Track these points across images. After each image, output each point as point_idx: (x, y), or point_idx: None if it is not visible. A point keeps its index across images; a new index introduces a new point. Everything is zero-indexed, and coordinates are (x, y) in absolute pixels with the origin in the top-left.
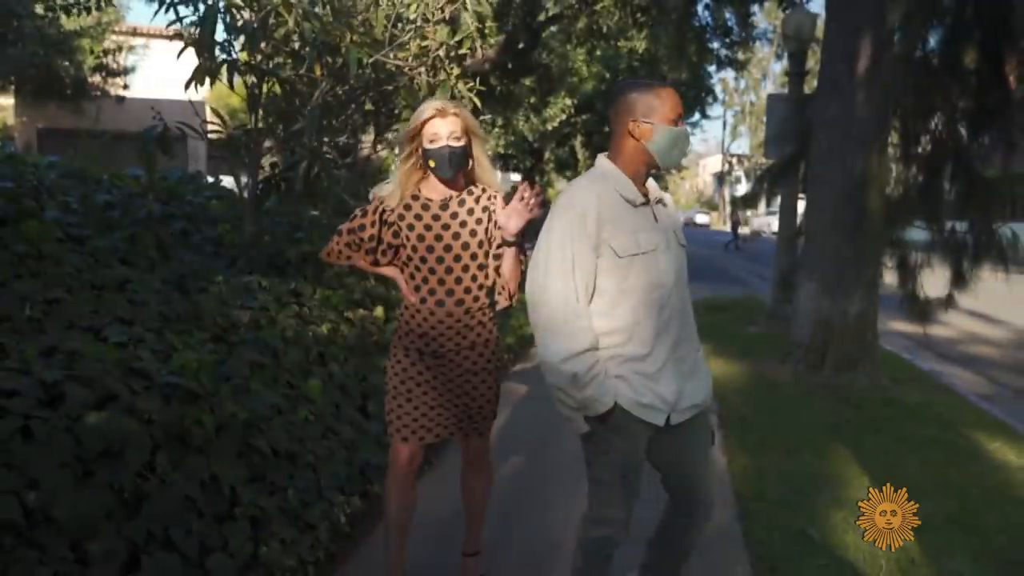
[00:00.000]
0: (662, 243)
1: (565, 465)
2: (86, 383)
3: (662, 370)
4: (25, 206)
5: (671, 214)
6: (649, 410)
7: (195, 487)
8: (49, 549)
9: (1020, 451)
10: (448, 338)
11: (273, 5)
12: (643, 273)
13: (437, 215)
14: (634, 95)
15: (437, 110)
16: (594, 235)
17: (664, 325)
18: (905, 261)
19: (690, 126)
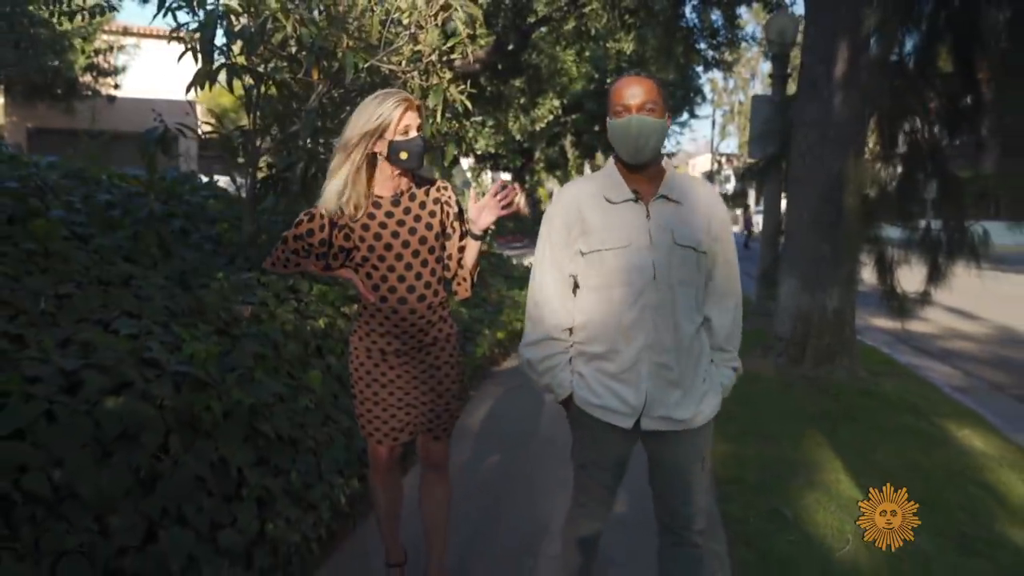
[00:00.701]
0: (642, 240)
1: (549, 456)
2: (103, 371)
3: (629, 372)
4: (31, 205)
5: (684, 212)
6: (605, 411)
7: (205, 468)
8: (75, 522)
9: (987, 438)
10: (411, 335)
11: (271, 11)
12: (609, 270)
13: (390, 212)
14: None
15: (407, 100)
16: (564, 233)
17: (632, 325)
18: (883, 258)
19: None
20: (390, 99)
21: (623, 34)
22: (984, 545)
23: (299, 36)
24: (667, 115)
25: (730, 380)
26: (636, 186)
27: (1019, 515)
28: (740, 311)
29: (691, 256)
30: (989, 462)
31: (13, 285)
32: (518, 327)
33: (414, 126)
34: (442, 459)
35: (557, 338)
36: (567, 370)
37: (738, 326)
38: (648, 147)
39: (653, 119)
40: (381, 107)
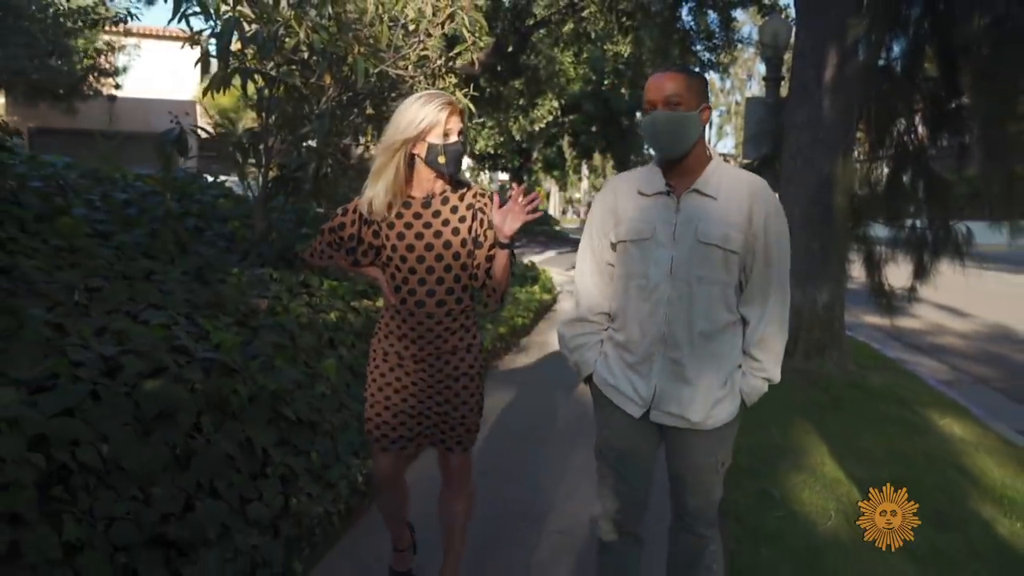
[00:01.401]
0: (665, 234)
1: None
2: (140, 356)
3: (644, 363)
4: (56, 204)
5: (717, 208)
6: (617, 393)
7: (234, 447)
8: (121, 492)
9: (967, 427)
10: (428, 341)
11: (285, 19)
12: (630, 261)
13: (419, 213)
14: None
15: (451, 104)
16: (601, 224)
17: (646, 318)
18: (871, 256)
19: None
20: (435, 101)
21: (620, 37)
22: (957, 521)
23: (311, 42)
24: (703, 107)
25: (755, 389)
26: (673, 179)
27: (991, 495)
28: (779, 316)
29: (715, 253)
30: (967, 448)
31: (47, 279)
32: (520, 323)
33: (455, 130)
34: (460, 474)
35: (589, 319)
36: (594, 350)
37: (774, 333)
38: (673, 143)
39: (677, 113)
40: (424, 109)
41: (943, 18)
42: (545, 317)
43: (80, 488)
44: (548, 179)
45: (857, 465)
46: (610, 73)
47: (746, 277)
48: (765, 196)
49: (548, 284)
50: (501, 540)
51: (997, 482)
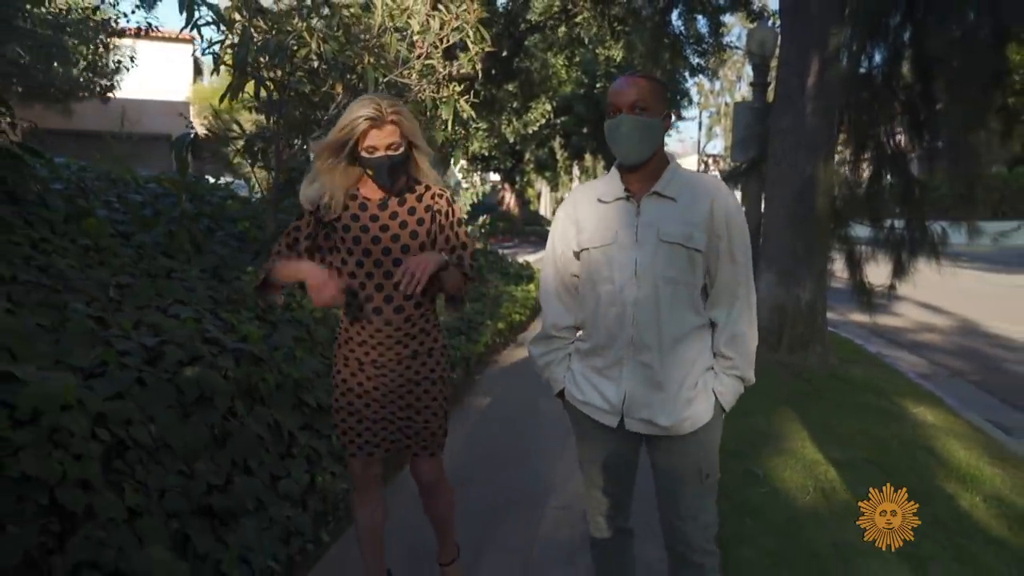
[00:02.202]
0: (627, 238)
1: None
2: (178, 346)
3: (614, 368)
4: (80, 206)
5: (677, 208)
6: (589, 407)
7: (264, 429)
8: (169, 467)
9: (939, 415)
10: (388, 347)
11: (297, 31)
12: (595, 267)
13: (375, 216)
14: None
15: (370, 120)
16: (563, 235)
17: (614, 322)
18: (852, 255)
19: None
20: (361, 111)
21: (613, 42)
22: (924, 496)
23: (322, 52)
24: (666, 115)
25: (729, 388)
26: (631, 185)
27: (955, 473)
28: (747, 315)
29: (680, 253)
30: (938, 433)
31: (81, 276)
32: (517, 319)
33: (381, 147)
34: (432, 478)
35: (555, 335)
36: (562, 366)
37: (743, 332)
38: (637, 147)
39: (642, 118)
40: (350, 116)
41: (921, 27)
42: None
43: (136, 462)
44: (540, 180)
45: (835, 448)
46: (602, 76)
47: (711, 279)
48: (724, 196)
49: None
50: (506, 515)
51: (962, 463)
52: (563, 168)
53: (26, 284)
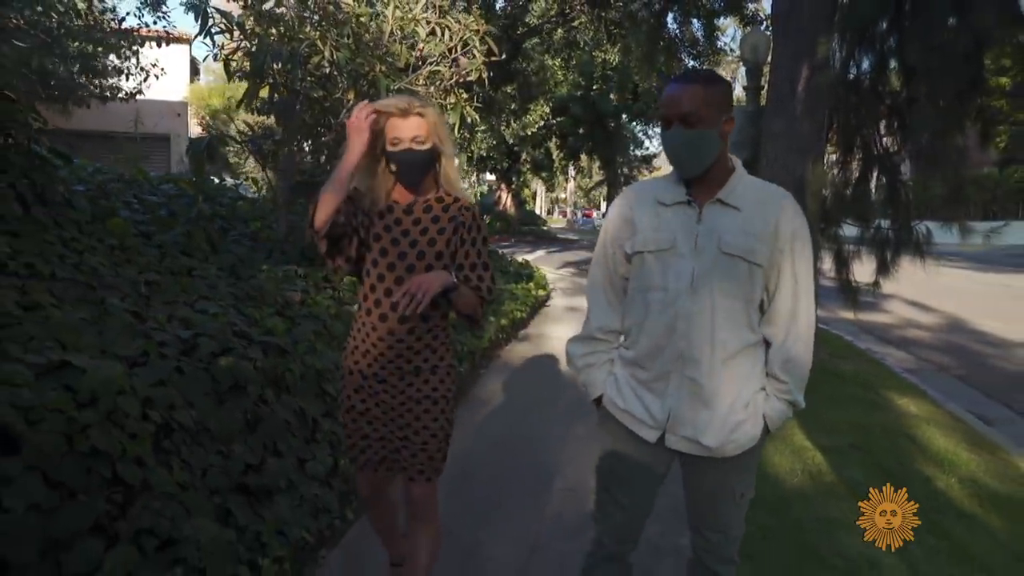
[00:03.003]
0: (686, 245)
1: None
2: (211, 338)
3: (659, 382)
4: (103, 206)
5: (741, 219)
6: (629, 417)
7: (291, 415)
8: (208, 448)
9: (921, 405)
10: (389, 360)
11: (310, 39)
12: (648, 272)
13: (399, 219)
14: None
15: (398, 109)
16: (616, 235)
17: (664, 332)
18: (840, 253)
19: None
20: (388, 105)
21: (609, 46)
22: (903, 477)
23: (335, 60)
24: (727, 118)
25: (779, 414)
26: (694, 189)
27: (934, 458)
28: (804, 336)
29: (740, 266)
30: (919, 422)
31: (112, 274)
32: (518, 316)
33: (406, 138)
34: (425, 507)
35: (599, 338)
36: (603, 370)
37: (799, 355)
38: (691, 162)
39: (694, 132)
40: (379, 108)
41: (906, 35)
42: (540, 312)
43: (180, 443)
44: (536, 180)
45: (822, 435)
46: (598, 78)
47: (769, 295)
48: (792, 210)
49: (542, 281)
50: (514, 496)
51: (941, 449)
52: (559, 168)
53: (64, 281)
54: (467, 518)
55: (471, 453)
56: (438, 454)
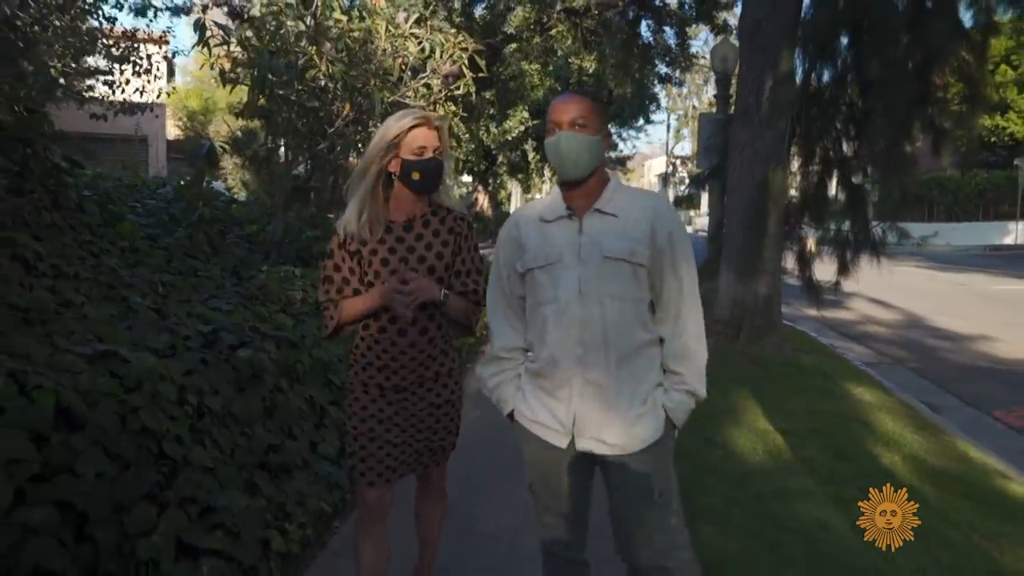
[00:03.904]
0: (570, 256)
1: None
2: (230, 332)
3: (563, 388)
4: (112, 211)
5: (620, 224)
6: (539, 426)
7: (302, 403)
8: (233, 430)
9: (875, 395)
10: (411, 370)
11: (307, 53)
12: (540, 287)
13: (401, 238)
14: None
15: (423, 119)
16: (508, 257)
17: (561, 342)
18: (803, 254)
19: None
20: (407, 116)
21: (586, 54)
22: (853, 456)
23: (332, 73)
24: (604, 134)
25: (679, 404)
26: (573, 203)
27: (882, 439)
28: (693, 329)
29: (624, 268)
30: (872, 409)
31: (129, 273)
32: None
33: (430, 147)
34: (439, 480)
35: (503, 357)
36: (511, 387)
37: (691, 347)
38: (577, 163)
39: (583, 135)
40: (398, 123)
41: (864, 50)
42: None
43: (211, 425)
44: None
45: (782, 420)
46: (574, 84)
47: (656, 295)
48: (665, 212)
49: None
50: (509, 472)
51: (890, 431)
52: (535, 170)
53: (87, 280)
54: (464, 491)
55: (465, 438)
56: (451, 445)
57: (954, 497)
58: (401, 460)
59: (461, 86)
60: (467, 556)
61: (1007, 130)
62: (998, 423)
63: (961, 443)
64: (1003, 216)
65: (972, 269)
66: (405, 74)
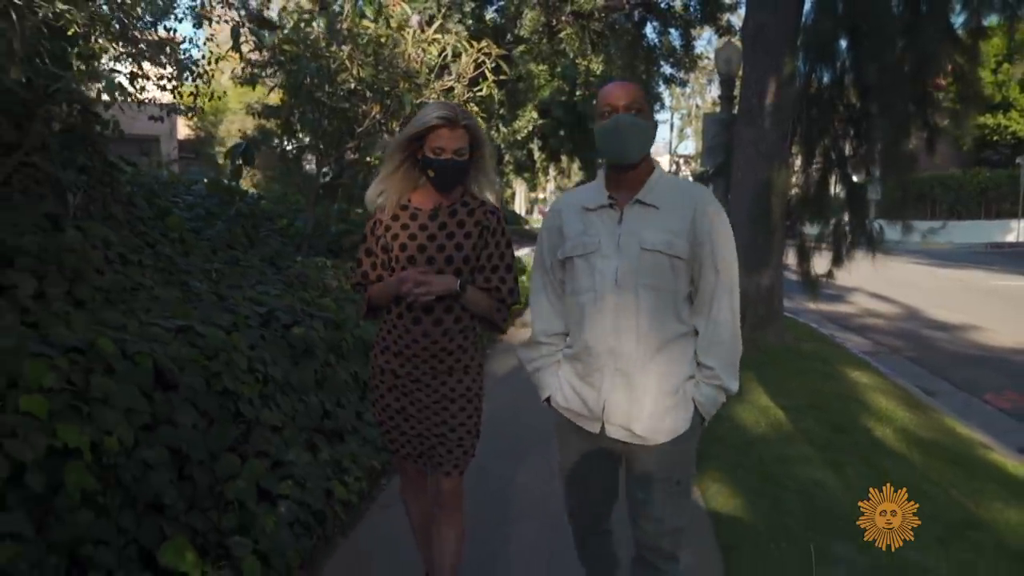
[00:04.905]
0: (609, 246)
1: None
2: (284, 312)
3: (594, 375)
4: (159, 205)
5: (660, 216)
6: (572, 413)
7: (347, 376)
8: (291, 397)
9: (871, 378)
10: (423, 360)
11: (339, 58)
12: (578, 275)
13: (424, 225)
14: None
15: (446, 119)
16: (550, 244)
17: (595, 330)
18: (803, 248)
19: None
20: (432, 112)
21: (593, 56)
22: (849, 428)
23: (362, 77)
24: (653, 122)
25: (709, 399)
26: (617, 192)
27: (876, 415)
28: (729, 323)
29: (662, 260)
30: (868, 390)
31: (184, 262)
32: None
33: (449, 149)
34: (452, 499)
35: (543, 342)
36: (550, 372)
37: (724, 341)
38: (635, 146)
39: (639, 119)
40: (424, 118)
41: (862, 53)
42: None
43: (276, 392)
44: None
45: (783, 398)
46: (581, 84)
47: (695, 287)
48: (707, 203)
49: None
50: (529, 449)
51: (882, 408)
52: (541, 169)
53: (149, 267)
54: (498, 459)
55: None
56: (471, 448)
57: (938, 462)
58: (420, 450)
59: (484, 88)
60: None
61: (1009, 129)
62: (988, 405)
63: (949, 420)
64: (1005, 214)
65: (972, 266)
66: (430, 77)
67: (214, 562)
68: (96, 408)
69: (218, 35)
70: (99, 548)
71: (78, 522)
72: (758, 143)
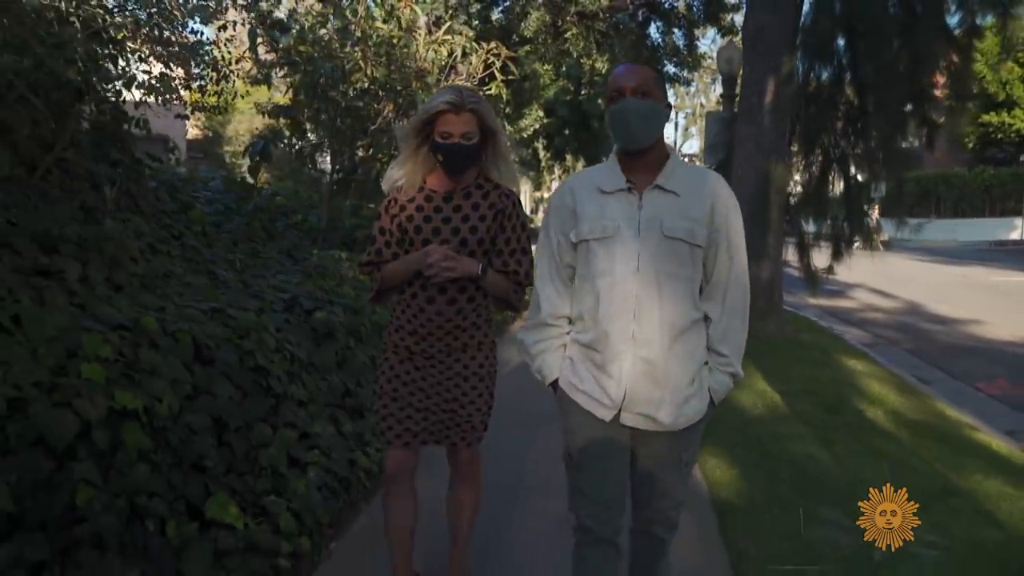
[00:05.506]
0: (629, 231)
1: None
2: (306, 299)
3: (614, 363)
4: (182, 200)
5: (680, 203)
6: (587, 398)
7: (366, 359)
8: (315, 376)
9: (867, 366)
10: (438, 338)
11: (354, 59)
12: (595, 259)
13: (440, 207)
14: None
15: (451, 104)
16: (560, 225)
17: (615, 316)
18: (802, 242)
19: None
20: (439, 98)
21: (598, 55)
22: (842, 410)
23: (375, 76)
24: (667, 103)
25: (722, 385)
26: (633, 175)
27: (868, 399)
28: (741, 310)
29: (682, 248)
30: (862, 376)
31: (209, 252)
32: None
33: (456, 133)
34: (470, 468)
35: (550, 324)
36: (557, 355)
37: (737, 328)
38: (643, 130)
39: (647, 101)
40: (431, 102)
41: (860, 53)
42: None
43: (301, 370)
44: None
45: (780, 383)
46: (586, 83)
47: (707, 273)
48: (725, 192)
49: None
50: (540, 425)
51: (876, 393)
52: (545, 167)
53: (177, 256)
54: (508, 438)
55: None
56: (480, 424)
57: (926, 440)
58: (423, 426)
59: (493, 88)
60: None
61: (1013, 127)
62: (980, 393)
63: (940, 404)
64: (1009, 212)
65: (974, 263)
66: (440, 76)
67: (252, 518)
68: (145, 378)
69: (235, 37)
70: (153, 499)
71: (136, 475)
72: (758, 139)
